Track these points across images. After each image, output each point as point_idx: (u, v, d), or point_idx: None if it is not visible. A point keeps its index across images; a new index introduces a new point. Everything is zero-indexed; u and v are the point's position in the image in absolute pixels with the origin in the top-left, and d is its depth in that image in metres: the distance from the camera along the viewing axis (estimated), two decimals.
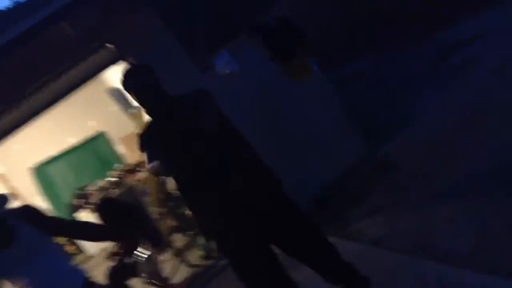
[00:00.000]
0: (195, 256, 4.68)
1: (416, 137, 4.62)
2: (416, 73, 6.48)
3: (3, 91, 4.00)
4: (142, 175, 6.52)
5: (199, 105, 2.29)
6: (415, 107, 5.32)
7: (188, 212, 4.72)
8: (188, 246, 5.08)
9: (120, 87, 4.28)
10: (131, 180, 7.30)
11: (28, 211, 2.30)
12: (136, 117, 6.72)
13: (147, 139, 2.37)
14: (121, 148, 8.44)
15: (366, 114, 5.72)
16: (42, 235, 2.23)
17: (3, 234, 2.17)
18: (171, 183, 5.49)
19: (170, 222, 5.60)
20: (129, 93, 2.40)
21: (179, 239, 5.38)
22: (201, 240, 4.59)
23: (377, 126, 5.30)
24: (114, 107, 7.53)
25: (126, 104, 7.14)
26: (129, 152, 8.13)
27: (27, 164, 7.81)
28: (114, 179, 7.48)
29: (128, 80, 2.38)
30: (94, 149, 8.33)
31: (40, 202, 7.88)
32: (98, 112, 8.20)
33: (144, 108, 2.40)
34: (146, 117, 5.03)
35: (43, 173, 7.86)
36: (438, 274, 2.51)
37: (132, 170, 7.38)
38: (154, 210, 5.93)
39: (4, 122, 4.24)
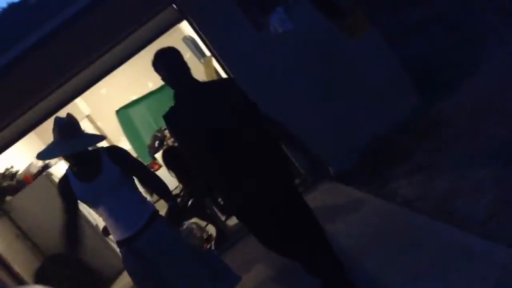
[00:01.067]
0: None
1: (475, 94, 4.52)
2: (494, 21, 6.13)
3: (91, 46, 4.51)
4: None
5: (226, 95, 2.47)
6: (483, 60, 5.15)
7: None
8: None
9: (195, 36, 4.55)
10: None
11: (116, 151, 2.79)
12: (208, 65, 7.07)
13: (172, 123, 2.52)
14: None
15: (428, 66, 5.62)
16: (122, 172, 2.67)
17: (96, 167, 2.64)
18: None
19: None
20: (159, 73, 2.55)
21: None
22: None
23: (438, 80, 5.21)
24: (188, 55, 7.96)
25: (199, 53, 7.52)
26: None
27: (111, 107, 8.57)
28: None
29: (159, 61, 2.52)
30: (170, 94, 8.84)
31: (123, 143, 8.74)
32: None
33: (173, 88, 2.55)
34: (216, 67, 5.29)
35: (125, 115, 8.58)
36: (451, 238, 2.69)
37: None
38: None
39: (93, 70, 4.77)
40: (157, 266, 2.74)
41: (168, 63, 2.52)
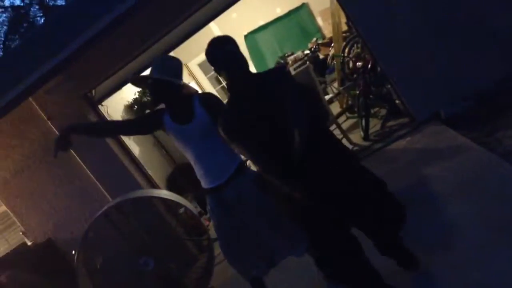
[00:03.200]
0: (357, 136, 5.31)
1: None
2: None
3: None
4: (333, 51, 7.10)
5: (282, 87, 2.27)
6: None
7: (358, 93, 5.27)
8: (352, 127, 5.72)
9: None
10: (324, 52, 7.96)
11: (208, 98, 2.73)
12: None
13: (224, 125, 2.33)
14: (319, 20, 8.99)
15: None
16: (213, 121, 2.57)
17: (189, 111, 2.63)
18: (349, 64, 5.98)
19: (343, 101, 6.23)
20: (214, 64, 2.35)
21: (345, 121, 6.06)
22: (362, 123, 5.16)
23: None
24: None
25: None
26: (326, 25, 8.65)
27: (240, 30, 9.04)
28: (308, 51, 8.25)
29: (214, 50, 2.32)
30: (297, 20, 9.04)
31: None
32: None
33: (228, 79, 2.35)
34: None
35: (252, 39, 9.02)
36: None
37: (327, 43, 8.00)
38: (333, 88, 6.60)
39: None
40: (241, 220, 2.73)
41: (224, 53, 2.32)
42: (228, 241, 2.83)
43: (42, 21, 18.28)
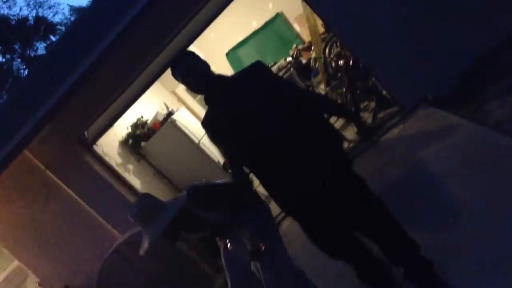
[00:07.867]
0: (351, 132, 5.35)
1: None
2: None
3: None
4: (314, 54, 7.17)
5: (253, 84, 2.39)
6: None
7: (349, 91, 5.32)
8: (346, 125, 5.76)
9: None
10: (307, 57, 8.04)
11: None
12: None
13: (210, 130, 2.52)
14: (296, 27, 9.08)
15: None
16: None
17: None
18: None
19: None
20: (178, 80, 2.49)
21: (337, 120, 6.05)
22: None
23: None
24: None
25: None
26: (303, 30, 8.74)
27: (221, 49, 9.12)
28: (291, 58, 8.33)
29: (175, 67, 2.46)
30: (274, 29, 9.12)
31: None
32: None
33: (196, 93, 2.58)
34: None
35: (234, 56, 9.09)
36: None
37: (307, 48, 8.08)
38: (321, 88, 6.66)
39: (202, 17, 5.13)
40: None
41: (183, 72, 2.47)
42: None
43: (26, 73, 18.42)
